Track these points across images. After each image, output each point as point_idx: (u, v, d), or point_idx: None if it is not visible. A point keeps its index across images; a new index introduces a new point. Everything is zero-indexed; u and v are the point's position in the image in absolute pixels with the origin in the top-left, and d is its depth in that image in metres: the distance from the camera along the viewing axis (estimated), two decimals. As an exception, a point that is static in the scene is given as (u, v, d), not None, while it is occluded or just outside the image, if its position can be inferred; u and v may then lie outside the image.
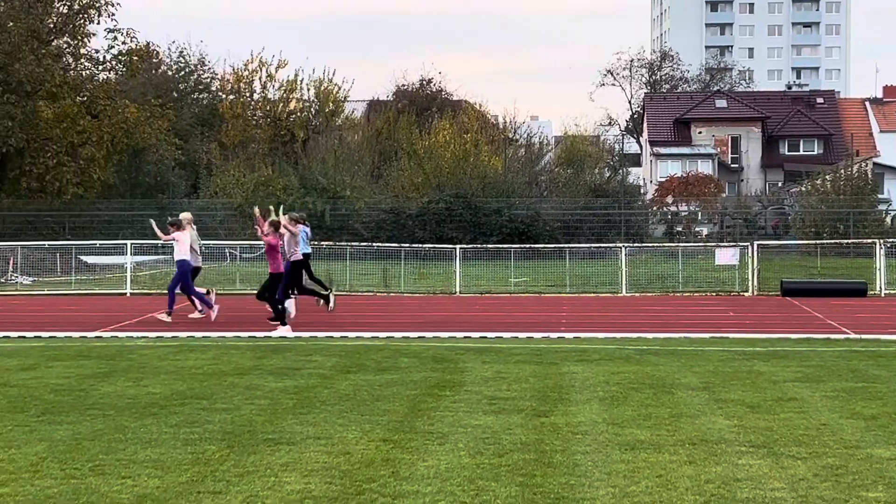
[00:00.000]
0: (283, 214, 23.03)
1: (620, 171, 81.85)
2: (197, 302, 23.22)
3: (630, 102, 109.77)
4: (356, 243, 39.08)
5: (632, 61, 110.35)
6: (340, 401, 12.35)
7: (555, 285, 32.87)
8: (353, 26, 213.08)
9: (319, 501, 8.09)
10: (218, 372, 14.73)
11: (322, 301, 24.17)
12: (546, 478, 8.76)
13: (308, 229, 25.36)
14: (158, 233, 23.39)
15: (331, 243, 38.22)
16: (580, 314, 25.09)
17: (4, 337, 19.32)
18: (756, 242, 32.59)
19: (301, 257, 22.96)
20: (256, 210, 22.60)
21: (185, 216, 23.53)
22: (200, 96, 76.11)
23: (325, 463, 9.24)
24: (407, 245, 37.33)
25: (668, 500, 8.17)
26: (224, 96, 71.53)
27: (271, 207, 23.39)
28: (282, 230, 21.86)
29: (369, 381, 13.90)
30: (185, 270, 22.46)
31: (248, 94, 70.21)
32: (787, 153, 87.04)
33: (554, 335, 19.59)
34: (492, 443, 10.05)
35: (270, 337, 19.47)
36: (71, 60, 57.11)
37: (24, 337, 19.34)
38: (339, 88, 72.06)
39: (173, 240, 22.64)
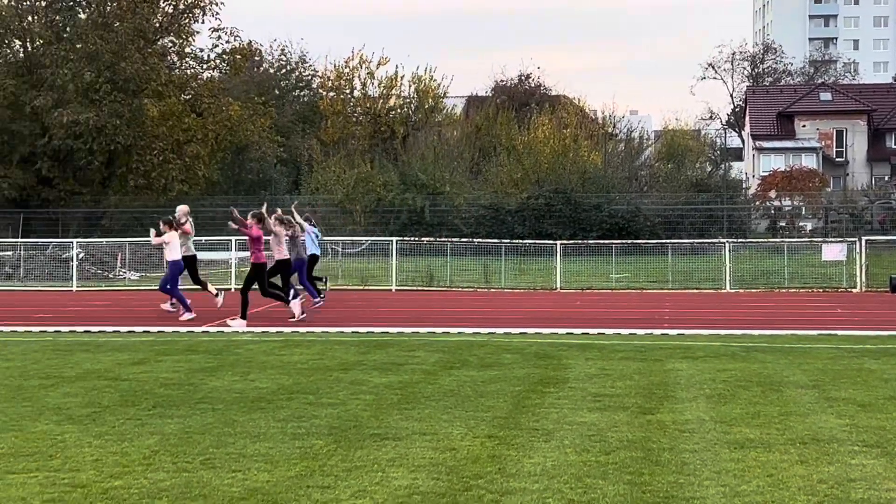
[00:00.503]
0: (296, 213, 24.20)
1: (722, 165, 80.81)
2: (174, 299, 22.78)
3: (731, 96, 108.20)
4: (456, 239, 39.15)
5: (734, 54, 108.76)
6: (444, 396, 12.38)
7: (656, 281, 32.59)
8: (453, 23, 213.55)
9: (427, 497, 8.11)
10: (323, 367, 14.86)
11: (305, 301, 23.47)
12: (654, 476, 8.68)
13: (317, 230, 25.44)
14: (154, 240, 23.10)
15: (431, 239, 38.34)
16: (683, 310, 24.83)
17: (115, 331, 19.72)
18: (864, 238, 31.92)
19: (287, 256, 22.26)
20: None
21: (183, 208, 23.54)
22: (301, 94, 76.93)
23: (431, 459, 9.26)
24: (507, 241, 37.30)
25: (779, 500, 8.04)
26: (324, 93, 72.15)
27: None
28: (274, 229, 21.83)
29: (473, 377, 13.91)
30: (176, 272, 22.43)
31: (348, 92, 70.74)
32: (894, 146, 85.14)
33: (657, 331, 19.42)
34: (598, 440, 9.99)
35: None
36: (176, 59, 58.14)
37: (133, 332, 19.72)
38: (439, 85, 72.26)
39: (165, 242, 22.45)
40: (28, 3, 55.47)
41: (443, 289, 31.67)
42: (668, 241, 38.42)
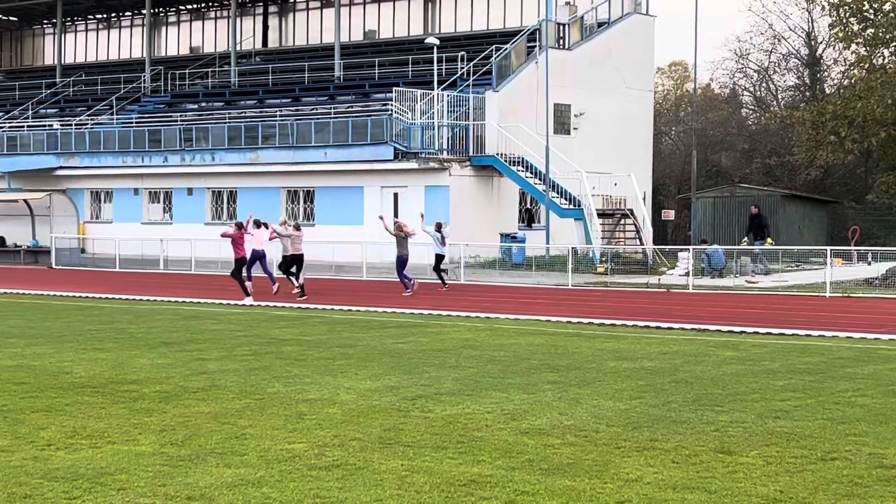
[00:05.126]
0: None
1: None
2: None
3: None
4: None
5: None
6: None
7: None
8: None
9: None
10: None
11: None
12: None
13: (440, 234, 31.77)
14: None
15: None
16: None
17: None
18: None
19: (299, 252, 29.72)
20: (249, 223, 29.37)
21: (280, 219, 32.47)
22: None
23: None
24: None
25: None
26: None
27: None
28: (278, 229, 29.54)
29: None
30: (246, 260, 28.29)
31: None
32: None
33: None
34: None
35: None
36: None
37: None
38: None
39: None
40: None
41: None
42: None
